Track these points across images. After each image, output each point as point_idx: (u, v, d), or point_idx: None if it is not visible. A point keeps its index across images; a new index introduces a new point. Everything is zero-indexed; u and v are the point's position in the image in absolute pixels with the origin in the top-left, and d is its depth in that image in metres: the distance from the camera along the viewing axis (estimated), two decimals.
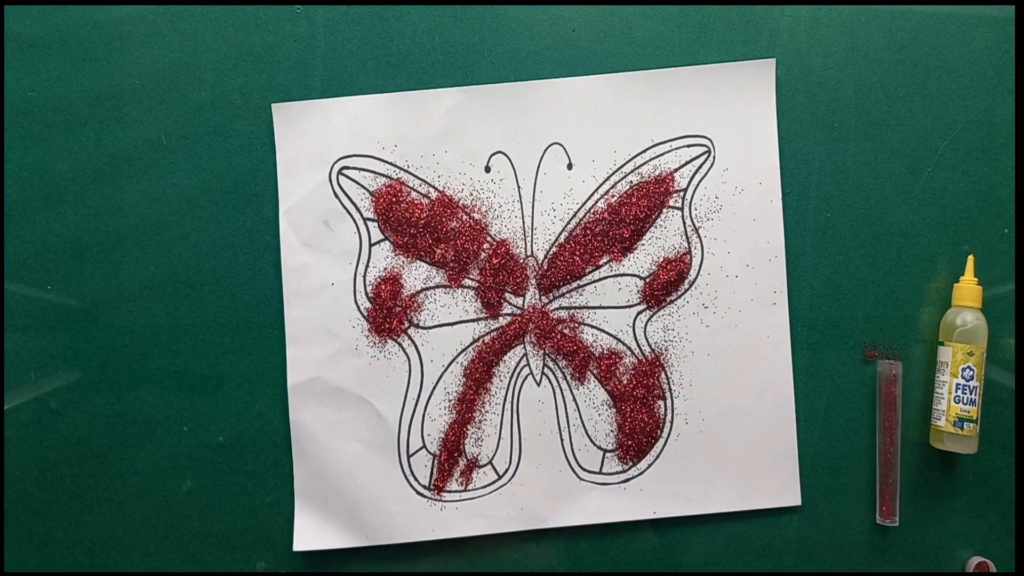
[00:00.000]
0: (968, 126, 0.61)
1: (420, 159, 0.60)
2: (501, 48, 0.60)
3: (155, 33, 0.60)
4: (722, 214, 0.60)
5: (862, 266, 0.61)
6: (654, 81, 0.60)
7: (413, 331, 0.60)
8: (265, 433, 0.60)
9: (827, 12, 0.61)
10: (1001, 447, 0.61)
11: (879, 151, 0.61)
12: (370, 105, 0.60)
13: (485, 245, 0.60)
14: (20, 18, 0.60)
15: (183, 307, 0.60)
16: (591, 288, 0.61)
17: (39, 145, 0.60)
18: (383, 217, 0.60)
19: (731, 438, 0.60)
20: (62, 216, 0.60)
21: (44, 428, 0.60)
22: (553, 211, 0.61)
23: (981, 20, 0.61)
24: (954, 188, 0.61)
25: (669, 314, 0.61)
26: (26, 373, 0.60)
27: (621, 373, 0.61)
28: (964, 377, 0.58)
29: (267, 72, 0.60)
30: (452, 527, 0.60)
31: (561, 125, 0.60)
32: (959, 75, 0.61)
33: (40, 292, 0.60)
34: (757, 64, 0.60)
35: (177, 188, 0.60)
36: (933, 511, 0.61)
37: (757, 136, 0.60)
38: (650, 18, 0.60)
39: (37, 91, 0.60)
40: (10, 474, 0.60)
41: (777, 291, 0.60)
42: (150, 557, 0.60)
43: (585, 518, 0.60)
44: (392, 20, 0.60)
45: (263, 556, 0.61)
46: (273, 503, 0.60)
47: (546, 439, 0.60)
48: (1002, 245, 0.61)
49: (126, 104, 0.60)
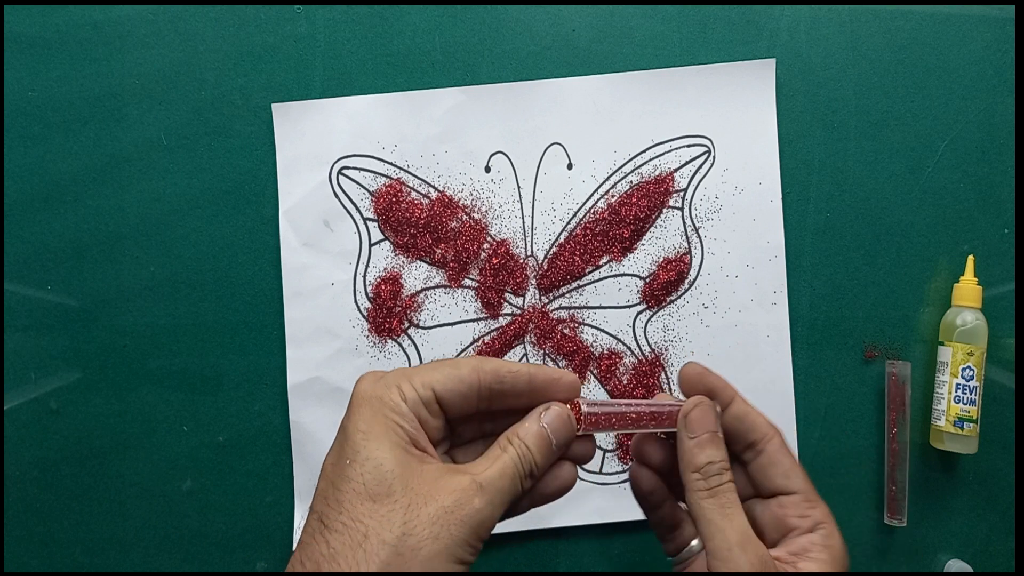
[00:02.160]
0: (968, 126, 0.61)
1: (420, 159, 0.60)
2: (501, 48, 0.60)
3: (155, 33, 0.60)
4: (722, 214, 0.60)
5: (862, 266, 0.61)
6: (654, 81, 0.60)
7: (413, 331, 0.60)
8: (265, 433, 0.60)
9: (827, 12, 0.61)
10: (1001, 447, 0.61)
11: (879, 151, 0.61)
12: (370, 105, 0.60)
13: (485, 245, 0.60)
14: (20, 18, 0.60)
15: (183, 307, 0.60)
16: (591, 288, 0.61)
17: (39, 145, 0.60)
18: (383, 217, 0.60)
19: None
20: (62, 216, 0.60)
21: (44, 428, 0.60)
22: (553, 211, 0.61)
23: (981, 20, 0.61)
24: (954, 188, 0.61)
25: (669, 314, 0.61)
26: (26, 373, 0.60)
27: (621, 373, 0.61)
28: (964, 377, 0.58)
29: (267, 72, 0.60)
30: None
31: (561, 125, 0.60)
32: (959, 75, 0.61)
33: (40, 292, 0.60)
34: (757, 64, 0.60)
35: (177, 188, 0.60)
36: (933, 511, 0.61)
37: (757, 136, 0.60)
38: (650, 18, 0.60)
39: (37, 91, 0.60)
40: (10, 474, 0.60)
41: (777, 291, 0.60)
42: (150, 557, 0.60)
43: (585, 518, 0.60)
44: (392, 20, 0.60)
45: (263, 556, 0.61)
46: (273, 503, 0.60)
47: None
48: (1002, 245, 0.61)
49: (126, 104, 0.60)
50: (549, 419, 0.39)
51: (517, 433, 0.39)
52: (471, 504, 0.35)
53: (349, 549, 0.33)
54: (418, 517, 0.34)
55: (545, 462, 0.39)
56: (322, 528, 0.34)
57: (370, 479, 0.34)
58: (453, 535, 0.34)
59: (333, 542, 0.33)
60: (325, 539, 0.34)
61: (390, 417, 0.36)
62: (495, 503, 0.36)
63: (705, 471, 0.39)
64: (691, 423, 0.40)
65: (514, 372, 0.39)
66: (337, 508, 0.34)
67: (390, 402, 0.37)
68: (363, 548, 0.33)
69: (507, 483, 0.37)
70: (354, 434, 0.36)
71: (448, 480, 0.36)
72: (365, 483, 0.34)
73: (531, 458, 0.38)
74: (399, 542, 0.33)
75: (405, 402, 0.37)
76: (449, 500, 0.35)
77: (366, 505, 0.34)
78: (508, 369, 0.39)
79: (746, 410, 0.42)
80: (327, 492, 0.35)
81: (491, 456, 0.38)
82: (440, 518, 0.34)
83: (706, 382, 0.42)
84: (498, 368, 0.39)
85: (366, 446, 0.35)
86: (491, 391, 0.39)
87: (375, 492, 0.34)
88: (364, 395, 0.37)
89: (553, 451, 0.39)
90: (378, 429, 0.36)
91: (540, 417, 0.39)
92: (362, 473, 0.35)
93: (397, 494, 0.34)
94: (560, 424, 0.39)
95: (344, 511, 0.34)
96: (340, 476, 0.35)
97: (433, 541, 0.34)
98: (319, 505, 0.35)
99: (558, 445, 0.39)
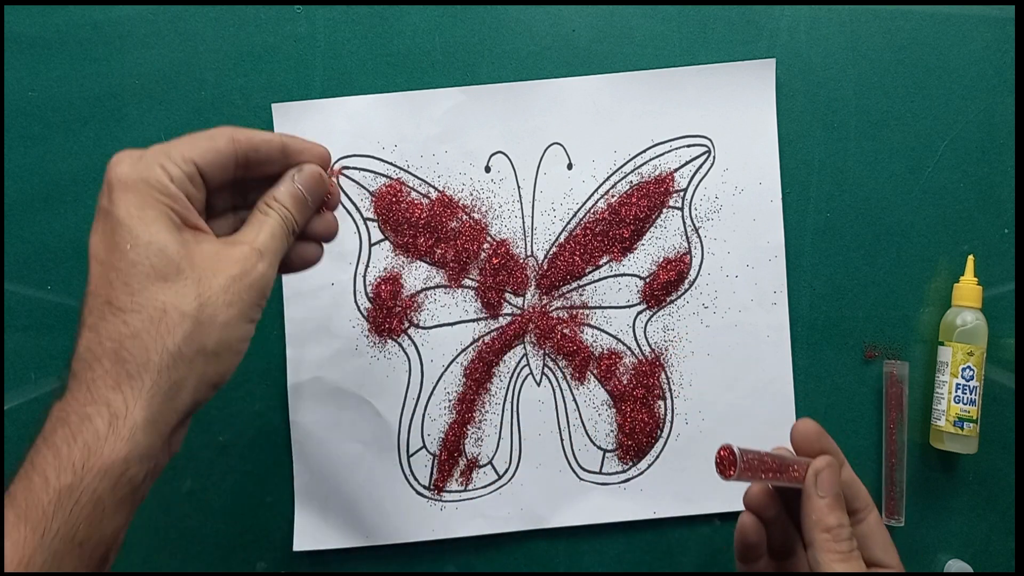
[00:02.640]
0: (968, 126, 0.61)
1: (420, 159, 0.60)
2: (501, 48, 0.60)
3: (155, 33, 0.60)
4: (722, 214, 0.60)
5: (862, 266, 0.61)
6: (654, 81, 0.60)
7: (413, 331, 0.60)
8: (265, 433, 0.60)
9: (827, 12, 0.61)
10: (1001, 447, 0.61)
11: (879, 151, 0.61)
12: (370, 105, 0.60)
13: (485, 245, 0.60)
14: (20, 18, 0.60)
15: None
16: (591, 288, 0.61)
17: (39, 145, 0.60)
18: (383, 217, 0.60)
19: (731, 438, 0.60)
20: (62, 216, 0.60)
21: None
22: (553, 211, 0.61)
23: (981, 20, 0.61)
24: (954, 188, 0.61)
25: (669, 314, 0.61)
26: (26, 373, 0.60)
27: (621, 373, 0.61)
28: (964, 377, 0.58)
29: (267, 72, 0.60)
30: (452, 527, 0.60)
31: (561, 125, 0.60)
32: (959, 75, 0.61)
33: (40, 292, 0.60)
34: (757, 64, 0.60)
35: None
36: (933, 511, 0.61)
37: (757, 136, 0.60)
38: (650, 18, 0.60)
39: (37, 91, 0.60)
40: (10, 474, 0.60)
41: (777, 291, 0.60)
42: (150, 557, 0.60)
43: (585, 518, 0.60)
44: (392, 20, 0.60)
45: (263, 556, 0.61)
46: (273, 503, 0.60)
47: (546, 439, 0.60)
48: (1002, 245, 0.61)
49: (126, 104, 0.60)
50: (303, 179, 0.42)
51: (275, 196, 0.42)
52: (256, 270, 0.39)
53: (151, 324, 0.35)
54: (211, 288, 0.37)
55: (303, 220, 0.43)
56: (114, 310, 0.36)
57: (157, 262, 0.36)
58: (245, 300, 0.38)
59: (131, 321, 0.35)
60: (121, 319, 0.36)
61: (160, 199, 0.37)
62: (273, 264, 0.40)
63: (836, 534, 0.40)
64: (822, 482, 0.41)
65: (267, 140, 0.41)
66: (127, 291, 0.36)
67: (157, 183, 0.38)
68: (164, 323, 0.36)
69: (278, 244, 0.41)
70: (128, 219, 0.36)
71: (229, 252, 0.39)
72: (153, 265, 0.36)
73: (291, 217, 0.42)
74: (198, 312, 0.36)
75: (172, 181, 0.38)
76: (236, 269, 0.38)
77: (157, 285, 0.36)
78: (262, 138, 0.41)
79: (854, 477, 0.44)
80: (110, 277, 0.36)
81: (257, 222, 0.41)
82: (230, 286, 0.37)
83: (824, 443, 0.44)
84: (252, 136, 0.41)
85: (146, 230, 0.36)
86: (248, 159, 0.41)
87: (164, 273, 0.36)
88: (126, 178, 0.37)
89: (309, 208, 0.43)
90: (151, 213, 0.37)
91: (294, 179, 0.42)
92: (148, 256, 0.36)
93: (186, 271, 0.37)
94: (313, 183, 0.43)
95: (136, 292, 0.36)
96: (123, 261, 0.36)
97: (228, 307, 0.37)
98: (102, 289, 0.36)
99: (313, 203, 0.43)
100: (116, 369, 0.35)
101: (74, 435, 0.34)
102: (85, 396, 0.35)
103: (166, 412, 0.36)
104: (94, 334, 0.36)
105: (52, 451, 0.35)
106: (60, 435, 0.35)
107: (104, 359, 0.35)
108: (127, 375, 0.35)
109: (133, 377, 0.35)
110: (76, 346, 0.37)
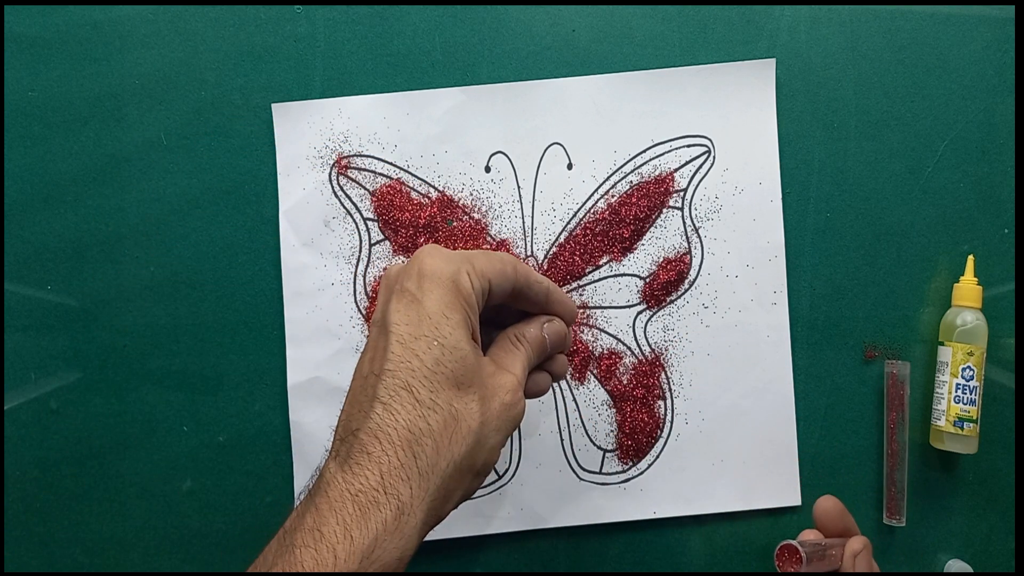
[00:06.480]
0: (968, 126, 0.61)
1: (420, 159, 0.60)
2: (501, 48, 0.60)
3: (155, 33, 0.60)
4: (722, 214, 0.60)
5: (862, 266, 0.61)
6: (654, 81, 0.60)
7: None
8: (265, 433, 0.60)
9: (827, 12, 0.61)
10: (1001, 447, 0.61)
11: (879, 151, 0.61)
12: (370, 105, 0.60)
13: (485, 245, 0.60)
14: (20, 18, 0.60)
15: (183, 307, 0.60)
16: (591, 288, 0.61)
17: (39, 145, 0.60)
18: (383, 217, 0.60)
19: (731, 438, 0.60)
20: (62, 216, 0.60)
21: (44, 428, 0.60)
22: (553, 211, 0.61)
23: (981, 20, 0.61)
24: (954, 188, 0.61)
25: (669, 314, 0.61)
26: (26, 373, 0.60)
27: (621, 373, 0.61)
28: (964, 377, 0.58)
29: (267, 72, 0.60)
30: (452, 527, 0.60)
31: (561, 125, 0.60)
32: (959, 75, 0.61)
33: (40, 292, 0.60)
34: (757, 64, 0.60)
35: (177, 188, 0.60)
36: (933, 511, 0.61)
37: (757, 136, 0.60)
38: (650, 18, 0.60)
39: (37, 91, 0.60)
40: (10, 474, 0.60)
41: (777, 291, 0.60)
42: (150, 557, 0.60)
43: (585, 518, 0.60)
44: (392, 20, 0.60)
45: None
46: (273, 503, 0.60)
47: (546, 439, 0.60)
48: (1002, 245, 0.61)
49: (126, 104, 0.60)
50: (551, 331, 0.43)
51: (524, 334, 0.42)
52: (521, 402, 0.39)
53: (444, 429, 0.35)
54: (490, 410, 0.37)
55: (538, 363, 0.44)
56: (413, 400, 0.35)
57: (457, 368, 0.36)
58: (507, 429, 0.38)
59: (431, 419, 0.35)
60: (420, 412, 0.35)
61: (463, 305, 0.37)
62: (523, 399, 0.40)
63: None
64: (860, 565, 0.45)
65: (539, 281, 0.42)
66: (428, 386, 0.35)
67: (464, 288, 0.37)
68: (456, 432, 0.35)
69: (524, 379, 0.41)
70: (436, 315, 0.36)
71: (502, 377, 0.39)
72: (453, 371, 0.36)
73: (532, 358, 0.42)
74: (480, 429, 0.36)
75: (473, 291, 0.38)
76: (508, 398, 0.38)
77: (452, 391, 0.36)
78: (536, 278, 0.42)
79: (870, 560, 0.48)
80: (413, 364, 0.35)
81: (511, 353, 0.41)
82: (503, 413, 0.37)
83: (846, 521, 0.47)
84: (528, 274, 0.41)
85: (452, 333, 0.36)
86: (520, 293, 0.41)
87: (460, 381, 0.36)
88: (440, 273, 0.37)
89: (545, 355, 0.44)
90: (457, 317, 0.37)
91: (543, 327, 0.43)
92: (452, 360, 0.36)
93: (475, 386, 0.37)
94: (559, 339, 0.44)
95: (435, 391, 0.35)
96: (428, 355, 0.36)
97: (496, 432, 0.37)
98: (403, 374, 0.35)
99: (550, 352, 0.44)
100: (410, 463, 0.34)
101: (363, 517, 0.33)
102: (377, 480, 0.34)
103: (432, 520, 0.36)
104: (390, 415, 0.35)
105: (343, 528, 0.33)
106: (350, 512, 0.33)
107: (401, 447, 0.34)
108: (418, 473, 0.34)
109: (424, 476, 0.34)
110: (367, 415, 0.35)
